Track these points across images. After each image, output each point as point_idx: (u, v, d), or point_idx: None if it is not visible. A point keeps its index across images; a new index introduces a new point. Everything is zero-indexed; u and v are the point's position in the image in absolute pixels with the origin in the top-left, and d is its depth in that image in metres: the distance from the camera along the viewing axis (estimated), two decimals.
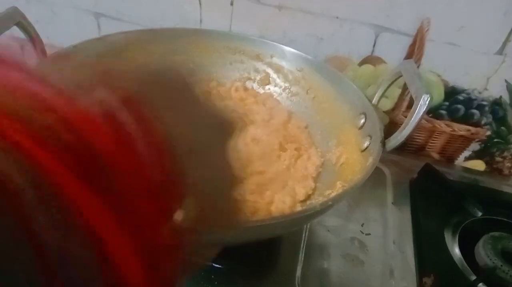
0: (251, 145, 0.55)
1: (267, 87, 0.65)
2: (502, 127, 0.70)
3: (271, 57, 0.63)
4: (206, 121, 0.18)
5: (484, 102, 0.68)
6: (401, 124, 0.44)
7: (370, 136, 0.48)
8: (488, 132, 0.70)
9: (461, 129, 0.69)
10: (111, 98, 0.13)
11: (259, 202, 0.48)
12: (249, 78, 0.65)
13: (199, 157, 0.16)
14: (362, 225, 0.59)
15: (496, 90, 0.66)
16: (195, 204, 0.16)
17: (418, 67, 0.64)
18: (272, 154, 0.54)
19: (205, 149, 0.17)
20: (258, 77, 0.65)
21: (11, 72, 0.13)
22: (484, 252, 0.55)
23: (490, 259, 0.54)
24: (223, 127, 0.19)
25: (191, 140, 0.16)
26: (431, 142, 0.73)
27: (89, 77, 0.14)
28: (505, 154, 0.72)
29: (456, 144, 0.73)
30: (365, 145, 0.49)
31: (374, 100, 0.52)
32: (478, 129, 0.70)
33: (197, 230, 0.16)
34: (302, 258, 0.52)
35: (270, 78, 0.64)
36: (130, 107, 0.13)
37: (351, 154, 0.51)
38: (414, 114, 0.42)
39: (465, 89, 0.67)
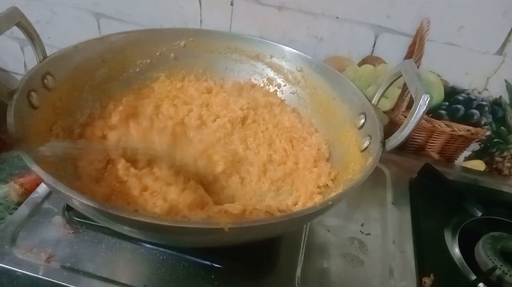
0: None
1: (267, 87, 0.65)
2: (502, 127, 0.70)
3: (271, 57, 0.63)
4: None
5: (484, 102, 0.68)
6: (401, 125, 0.44)
7: (370, 136, 0.48)
8: (488, 132, 0.71)
9: (461, 129, 0.69)
10: None
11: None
12: (248, 78, 0.65)
13: None
14: (362, 225, 0.59)
15: (496, 90, 0.66)
16: None
17: (418, 67, 0.64)
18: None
19: None
20: (258, 78, 0.65)
21: None
22: (484, 252, 0.55)
23: (490, 259, 0.54)
24: None
25: None
26: (431, 143, 0.73)
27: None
28: (505, 154, 0.72)
29: (456, 143, 0.73)
30: (365, 144, 0.48)
31: (374, 100, 0.52)
32: (478, 129, 0.70)
33: None
34: (302, 258, 0.52)
35: (270, 79, 0.64)
36: None
37: (351, 154, 0.51)
38: (414, 114, 0.42)
39: (465, 89, 0.67)
